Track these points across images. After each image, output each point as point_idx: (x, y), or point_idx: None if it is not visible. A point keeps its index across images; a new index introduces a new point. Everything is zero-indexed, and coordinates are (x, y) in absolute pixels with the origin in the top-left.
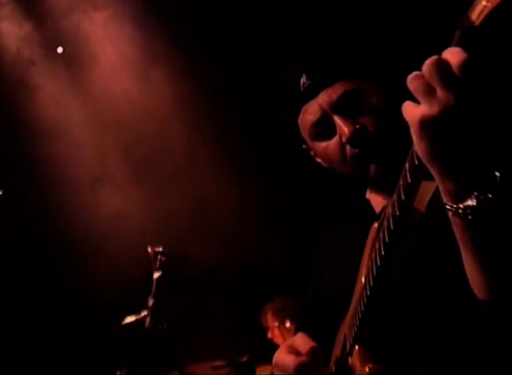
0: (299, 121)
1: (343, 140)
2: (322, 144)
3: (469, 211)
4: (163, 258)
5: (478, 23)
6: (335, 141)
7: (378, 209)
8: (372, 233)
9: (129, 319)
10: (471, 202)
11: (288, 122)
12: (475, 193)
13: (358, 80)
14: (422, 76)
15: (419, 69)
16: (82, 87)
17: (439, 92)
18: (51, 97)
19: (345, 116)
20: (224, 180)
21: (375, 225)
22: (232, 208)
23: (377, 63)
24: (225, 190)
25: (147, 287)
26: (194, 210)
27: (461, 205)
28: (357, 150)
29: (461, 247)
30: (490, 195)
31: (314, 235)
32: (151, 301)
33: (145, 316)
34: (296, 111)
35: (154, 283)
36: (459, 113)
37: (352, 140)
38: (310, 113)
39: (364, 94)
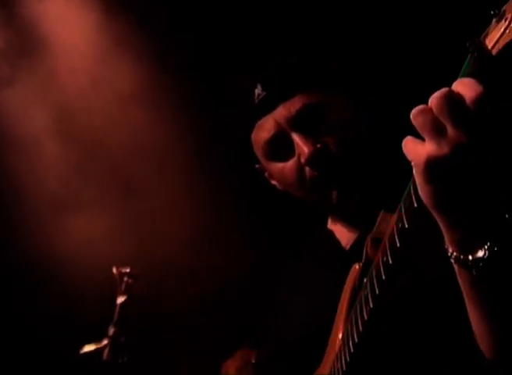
0: (252, 138)
1: (302, 161)
2: (278, 165)
3: (480, 263)
4: (130, 281)
5: (494, 52)
6: (292, 161)
7: (344, 242)
8: (352, 276)
9: (88, 347)
10: (481, 254)
11: (241, 138)
12: (488, 243)
13: (321, 93)
14: (429, 111)
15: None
16: (44, 76)
17: (450, 130)
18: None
19: (304, 134)
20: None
21: (356, 266)
22: (210, 231)
23: (344, 74)
24: (201, 209)
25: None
26: (169, 232)
27: (470, 257)
28: (317, 173)
29: (467, 300)
30: (503, 245)
31: (273, 270)
32: (111, 330)
33: (105, 346)
34: (250, 126)
35: (117, 308)
36: (472, 154)
37: (312, 161)
38: (264, 130)
39: (328, 109)
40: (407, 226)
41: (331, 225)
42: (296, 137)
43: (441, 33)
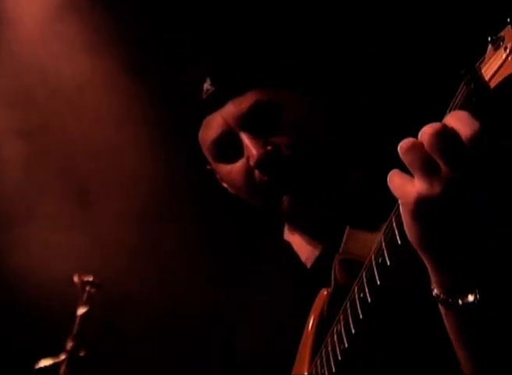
0: (199, 136)
1: (251, 164)
2: (226, 167)
3: (470, 308)
4: (92, 290)
5: (492, 85)
6: (241, 163)
7: (304, 257)
8: (320, 303)
9: (45, 362)
10: (472, 298)
11: (192, 135)
12: (478, 287)
13: (277, 90)
14: (420, 147)
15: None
16: None
17: (443, 168)
18: None
19: (254, 134)
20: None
21: (324, 292)
22: (174, 236)
23: (305, 69)
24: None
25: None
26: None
27: (460, 301)
28: (266, 177)
29: (453, 340)
30: (494, 288)
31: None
32: (69, 344)
33: (63, 361)
34: (198, 124)
35: (78, 320)
36: (466, 193)
37: (261, 164)
38: (211, 128)
39: (283, 108)
40: (388, 263)
41: (288, 235)
42: (244, 138)
43: (437, 35)
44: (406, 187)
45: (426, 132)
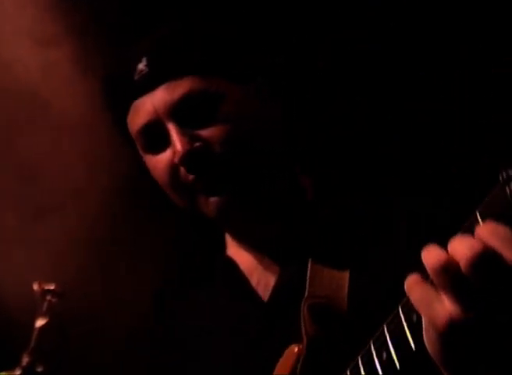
0: (127, 122)
1: (175, 160)
2: (152, 159)
3: None
4: (53, 300)
5: None
6: (166, 158)
7: (254, 281)
8: (289, 361)
9: None
10: None
11: (117, 121)
12: None
13: (219, 79)
14: (455, 268)
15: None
16: None
17: (481, 291)
18: None
19: (184, 127)
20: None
21: (295, 349)
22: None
23: (256, 58)
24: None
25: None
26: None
27: None
28: (191, 176)
29: None
30: None
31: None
32: (26, 359)
33: None
34: (126, 108)
35: (35, 333)
36: (504, 315)
37: (185, 162)
38: (139, 115)
39: (223, 100)
40: (399, 368)
41: (231, 250)
42: (172, 130)
43: (430, 32)
44: (434, 304)
45: (464, 254)
